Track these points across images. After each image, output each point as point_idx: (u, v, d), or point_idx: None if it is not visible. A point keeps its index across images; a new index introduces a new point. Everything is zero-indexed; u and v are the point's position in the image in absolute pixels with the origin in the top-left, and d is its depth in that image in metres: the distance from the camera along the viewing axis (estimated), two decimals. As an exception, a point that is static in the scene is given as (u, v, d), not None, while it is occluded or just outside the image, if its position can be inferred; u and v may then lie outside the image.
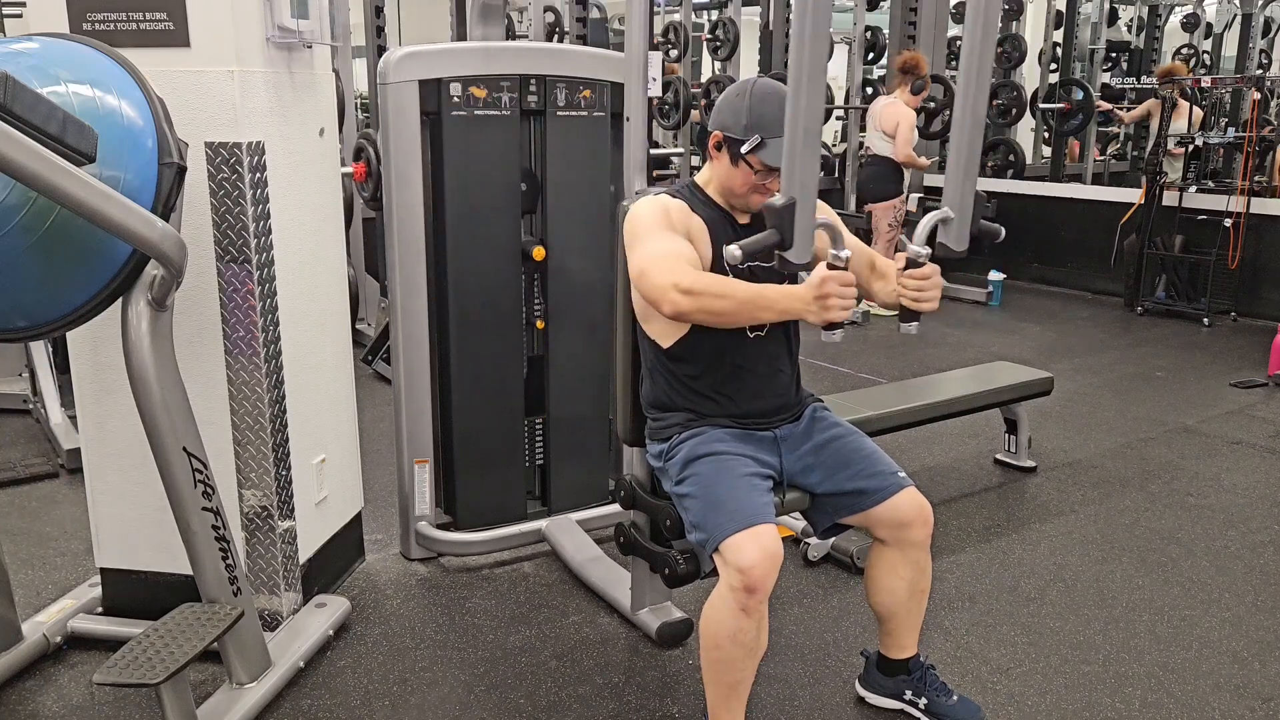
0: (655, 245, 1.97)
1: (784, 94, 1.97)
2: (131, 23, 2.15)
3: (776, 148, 1.95)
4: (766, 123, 1.96)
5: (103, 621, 2.47)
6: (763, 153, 1.97)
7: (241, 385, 2.31)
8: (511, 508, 3.09)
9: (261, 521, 2.39)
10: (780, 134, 1.94)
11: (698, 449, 2.05)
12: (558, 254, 2.99)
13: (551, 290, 3.02)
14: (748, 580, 1.84)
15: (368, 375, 4.72)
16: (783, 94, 1.97)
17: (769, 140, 1.96)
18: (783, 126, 1.94)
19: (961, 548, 3.08)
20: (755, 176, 2.02)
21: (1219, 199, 6.19)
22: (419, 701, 2.27)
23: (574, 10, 6.24)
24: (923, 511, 2.07)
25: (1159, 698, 2.31)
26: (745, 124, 1.98)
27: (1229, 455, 3.90)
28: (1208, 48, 10.52)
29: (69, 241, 1.80)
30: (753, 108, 1.98)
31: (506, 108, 2.84)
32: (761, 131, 1.97)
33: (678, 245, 1.99)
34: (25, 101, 1.59)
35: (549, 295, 3.02)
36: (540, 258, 2.96)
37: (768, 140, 1.96)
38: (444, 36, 8.35)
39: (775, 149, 1.96)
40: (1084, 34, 9.21)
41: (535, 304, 3.04)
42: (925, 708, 2.19)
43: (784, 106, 1.95)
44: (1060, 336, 5.92)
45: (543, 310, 3.03)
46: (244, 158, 2.18)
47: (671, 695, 2.30)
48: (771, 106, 1.96)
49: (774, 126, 1.95)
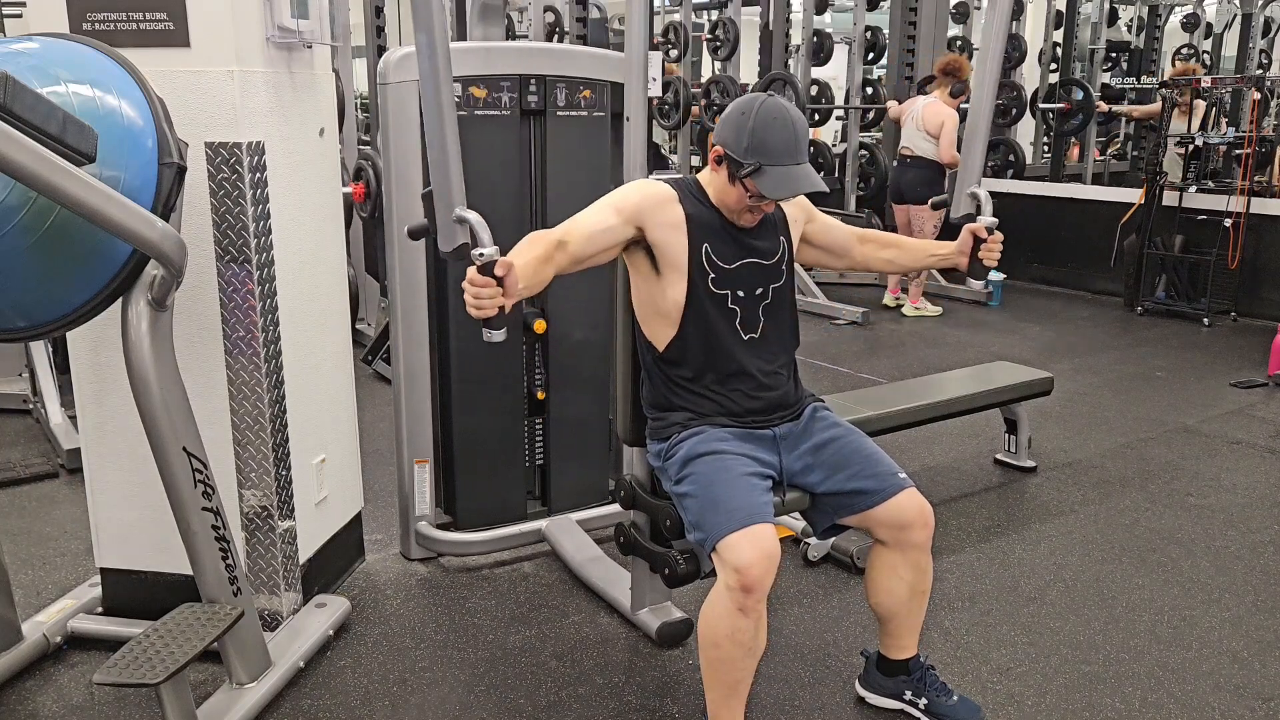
0: (583, 211, 2.03)
1: (790, 121, 1.97)
2: (131, 23, 2.15)
3: (774, 177, 1.94)
4: (767, 150, 1.94)
5: (103, 621, 2.47)
6: (759, 181, 1.95)
7: (241, 385, 2.31)
8: (511, 508, 3.09)
9: (261, 521, 2.39)
10: (779, 163, 1.95)
11: (697, 448, 2.05)
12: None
13: (552, 291, 3.01)
14: (744, 580, 1.84)
15: (368, 375, 4.73)
16: (788, 121, 1.96)
17: (766, 168, 1.94)
18: (783, 155, 1.95)
19: (961, 548, 3.08)
20: (749, 199, 2.01)
21: (1219, 199, 6.19)
22: (419, 701, 2.27)
23: (574, 10, 6.25)
24: (923, 513, 2.07)
25: (1159, 698, 2.31)
26: (745, 146, 1.95)
27: (1229, 455, 3.90)
28: (1208, 48, 10.52)
29: (69, 241, 1.80)
30: (755, 130, 1.95)
31: (506, 108, 2.84)
32: (760, 157, 1.94)
33: (592, 215, 2.01)
34: (25, 101, 1.59)
35: (549, 298, 3.02)
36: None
37: (765, 168, 1.94)
38: (444, 36, 8.33)
39: (772, 179, 1.94)
40: (1084, 34, 9.22)
41: (536, 306, 3.04)
42: (925, 708, 2.19)
43: (788, 134, 1.96)
44: (1060, 336, 5.92)
45: (543, 313, 3.03)
46: (244, 158, 2.18)
47: (671, 695, 2.30)
48: (773, 133, 1.94)
49: (773, 154, 1.94)
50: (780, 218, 2.18)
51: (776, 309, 2.15)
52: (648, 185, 2.10)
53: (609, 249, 2.03)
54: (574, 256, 1.96)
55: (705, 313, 2.07)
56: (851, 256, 2.35)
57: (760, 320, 2.12)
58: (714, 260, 2.06)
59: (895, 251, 2.37)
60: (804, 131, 1.99)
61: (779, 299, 2.15)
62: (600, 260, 2.03)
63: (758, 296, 2.11)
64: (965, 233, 2.29)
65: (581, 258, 1.98)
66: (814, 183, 1.98)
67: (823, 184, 2.02)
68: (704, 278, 2.06)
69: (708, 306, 2.07)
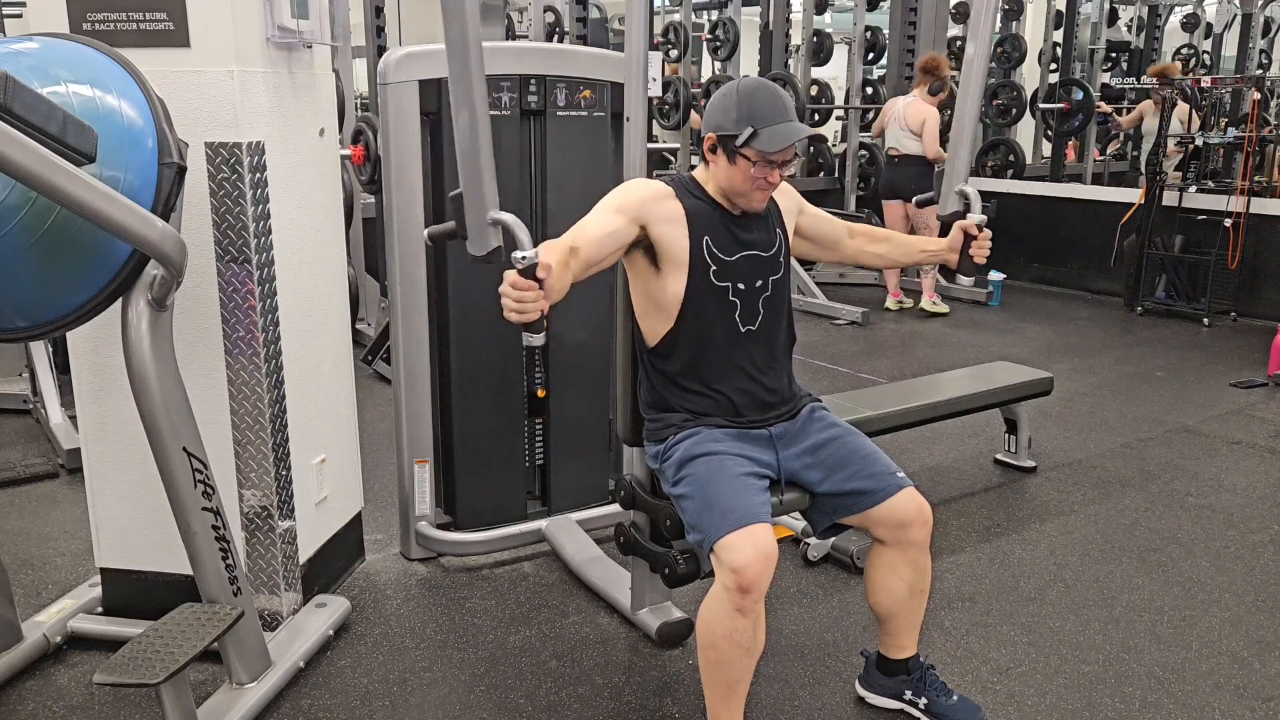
0: (586, 217, 2.03)
1: (770, 87, 2.04)
2: (131, 23, 2.15)
3: (771, 135, 1.98)
4: (757, 114, 1.98)
5: (103, 621, 2.47)
6: (758, 141, 1.98)
7: (241, 385, 2.31)
8: (511, 508, 3.09)
9: (261, 521, 2.39)
10: (773, 122, 1.99)
11: (693, 449, 2.05)
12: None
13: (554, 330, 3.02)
14: (742, 580, 1.84)
15: (368, 375, 4.73)
16: (769, 87, 2.03)
17: (762, 130, 1.97)
18: (776, 115, 2.00)
19: (961, 548, 3.08)
20: (754, 170, 2.02)
21: (1219, 199, 6.19)
22: (419, 701, 2.27)
23: (574, 10, 6.23)
24: (922, 512, 2.07)
25: (1159, 698, 2.31)
26: (736, 118, 1.99)
27: (1229, 455, 3.90)
28: (1208, 48, 10.52)
29: (69, 241, 1.80)
30: (741, 103, 2.00)
31: (506, 108, 2.84)
32: (753, 123, 1.98)
33: (597, 219, 2.01)
34: (25, 101, 1.59)
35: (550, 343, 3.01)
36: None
37: (760, 130, 1.97)
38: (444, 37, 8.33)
39: (770, 137, 1.98)
40: (1084, 34, 9.21)
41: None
42: (925, 708, 2.19)
43: (774, 98, 2.01)
44: (1060, 336, 5.92)
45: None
46: (244, 158, 2.18)
47: (671, 695, 2.30)
48: (761, 98, 1.99)
49: (766, 116, 1.98)
50: (775, 210, 2.19)
51: (775, 302, 2.15)
52: (644, 183, 2.11)
53: (617, 251, 2.04)
54: (586, 261, 1.96)
55: (705, 306, 2.07)
56: (842, 250, 2.38)
57: (760, 313, 2.13)
58: (715, 253, 2.07)
59: (887, 246, 2.40)
60: (788, 96, 2.06)
61: (778, 291, 2.16)
62: (608, 264, 2.04)
63: (758, 289, 2.12)
64: (956, 229, 2.33)
65: (592, 262, 1.98)
66: (806, 130, 2.03)
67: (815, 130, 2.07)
68: (705, 271, 2.06)
69: (708, 300, 2.07)
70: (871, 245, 2.39)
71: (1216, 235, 6.12)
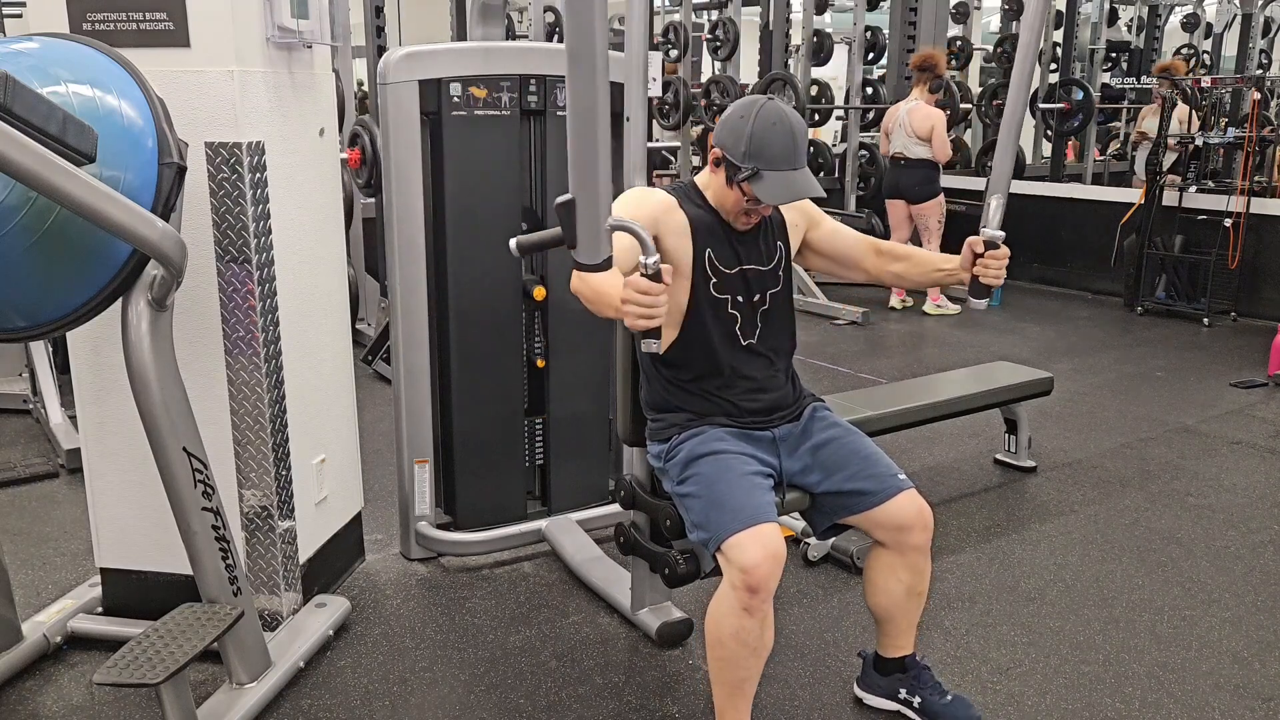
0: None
1: (789, 126, 1.94)
2: (131, 23, 2.15)
3: (771, 183, 1.93)
4: (765, 155, 1.93)
5: (103, 621, 2.47)
6: (756, 186, 1.94)
7: (241, 385, 2.31)
8: (511, 508, 3.09)
9: (261, 521, 2.39)
10: (779, 167, 1.92)
11: (698, 449, 2.05)
12: (558, 255, 2.99)
13: (552, 290, 3.02)
14: (750, 580, 1.84)
15: (368, 375, 4.72)
16: (787, 125, 1.93)
17: (764, 173, 1.93)
18: (781, 161, 1.92)
19: (961, 548, 3.08)
20: (746, 203, 2.01)
21: (1219, 199, 6.19)
22: (419, 701, 2.27)
23: (574, 10, 6.23)
24: (922, 515, 2.07)
25: (1159, 698, 2.31)
26: (744, 150, 1.94)
27: (1229, 455, 3.90)
28: (1208, 48, 10.52)
29: (69, 242, 1.80)
30: (754, 135, 1.94)
31: (506, 108, 2.84)
32: (758, 162, 1.93)
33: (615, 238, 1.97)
34: (25, 101, 1.60)
35: (550, 296, 3.01)
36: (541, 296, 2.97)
37: (763, 173, 1.93)
38: (444, 36, 8.35)
39: (770, 184, 1.93)
40: (1084, 34, 9.21)
41: (535, 315, 3.04)
42: (919, 706, 2.19)
43: (787, 139, 1.93)
44: (1060, 336, 5.92)
45: (543, 309, 3.03)
46: (244, 158, 2.18)
47: (671, 695, 2.30)
48: (773, 138, 1.93)
49: (771, 159, 1.92)
50: (779, 222, 2.17)
51: (774, 315, 2.15)
52: (650, 193, 2.09)
53: (637, 263, 2.01)
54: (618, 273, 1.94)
55: (707, 317, 2.07)
56: (864, 268, 2.27)
57: (758, 326, 2.13)
58: (715, 265, 2.06)
59: (905, 266, 2.26)
60: (803, 136, 1.98)
61: (776, 305, 2.15)
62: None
63: (755, 303, 2.11)
64: (966, 248, 2.13)
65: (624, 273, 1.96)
66: (811, 188, 1.97)
67: (820, 189, 2.00)
68: (706, 282, 2.06)
69: (710, 311, 2.07)
70: (893, 265, 2.26)
71: (1216, 235, 6.12)
